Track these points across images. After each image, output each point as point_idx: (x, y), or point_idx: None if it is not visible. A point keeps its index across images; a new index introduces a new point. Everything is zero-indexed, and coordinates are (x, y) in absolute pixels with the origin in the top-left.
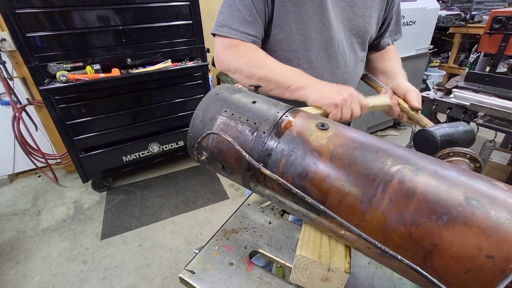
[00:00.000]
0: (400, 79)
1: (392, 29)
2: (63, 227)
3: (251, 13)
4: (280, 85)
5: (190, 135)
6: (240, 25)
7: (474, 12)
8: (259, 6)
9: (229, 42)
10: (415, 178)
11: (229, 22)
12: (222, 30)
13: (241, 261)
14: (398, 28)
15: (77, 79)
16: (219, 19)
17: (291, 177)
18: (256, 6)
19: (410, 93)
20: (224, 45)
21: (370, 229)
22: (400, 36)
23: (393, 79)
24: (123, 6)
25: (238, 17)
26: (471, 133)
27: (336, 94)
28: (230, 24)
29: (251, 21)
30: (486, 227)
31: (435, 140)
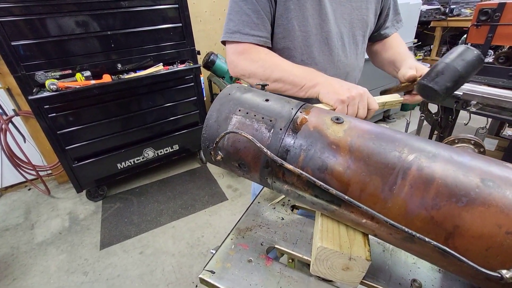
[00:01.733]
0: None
1: (392, 18)
2: (59, 239)
3: (259, 15)
4: (295, 85)
5: (204, 136)
6: (250, 29)
7: (453, 6)
8: (265, 7)
9: (241, 47)
10: (433, 165)
11: (239, 27)
12: (234, 36)
13: (259, 258)
14: (398, 16)
15: (67, 87)
16: (229, 26)
17: (311, 171)
18: (262, 8)
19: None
20: (237, 51)
21: (392, 215)
22: (401, 24)
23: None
24: (110, 11)
25: (247, 22)
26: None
27: (344, 91)
28: (240, 29)
29: (260, 23)
30: (503, 205)
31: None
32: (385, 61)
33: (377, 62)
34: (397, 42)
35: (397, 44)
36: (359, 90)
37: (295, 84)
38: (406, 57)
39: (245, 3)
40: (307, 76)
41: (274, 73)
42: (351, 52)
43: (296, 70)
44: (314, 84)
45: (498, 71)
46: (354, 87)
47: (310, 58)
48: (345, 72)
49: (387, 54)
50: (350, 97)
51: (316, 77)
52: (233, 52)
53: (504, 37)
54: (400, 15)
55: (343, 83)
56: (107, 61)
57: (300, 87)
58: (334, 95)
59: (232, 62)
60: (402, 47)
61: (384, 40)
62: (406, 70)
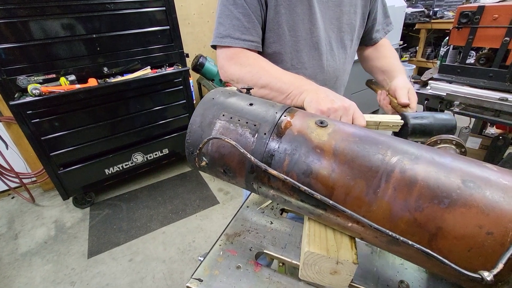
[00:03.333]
0: (396, 77)
1: (382, 21)
2: (44, 249)
3: (250, 19)
4: (282, 92)
5: (188, 142)
6: (240, 34)
7: (436, 8)
8: (255, 11)
9: (231, 52)
10: (415, 167)
11: (229, 32)
12: (224, 41)
13: (248, 264)
14: (387, 20)
15: (51, 91)
16: (219, 30)
17: (296, 176)
18: (253, 11)
19: (399, 91)
20: (226, 56)
21: (377, 219)
22: (392, 27)
23: (391, 78)
24: (96, 13)
25: (237, 26)
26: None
27: (327, 102)
28: (231, 34)
29: (251, 27)
30: (484, 206)
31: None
32: (376, 69)
33: (368, 67)
34: (390, 53)
35: (390, 55)
36: (344, 103)
37: (282, 91)
38: (399, 73)
39: (235, 7)
40: (295, 83)
41: (261, 79)
42: (340, 57)
43: (284, 77)
44: (300, 92)
45: (479, 72)
46: (340, 99)
47: (300, 63)
48: (334, 76)
49: (380, 63)
50: (331, 108)
51: (303, 85)
52: (223, 57)
53: (484, 39)
54: (390, 18)
55: (329, 93)
56: (93, 64)
57: (286, 94)
58: (315, 105)
59: (222, 67)
60: (395, 59)
61: (376, 46)
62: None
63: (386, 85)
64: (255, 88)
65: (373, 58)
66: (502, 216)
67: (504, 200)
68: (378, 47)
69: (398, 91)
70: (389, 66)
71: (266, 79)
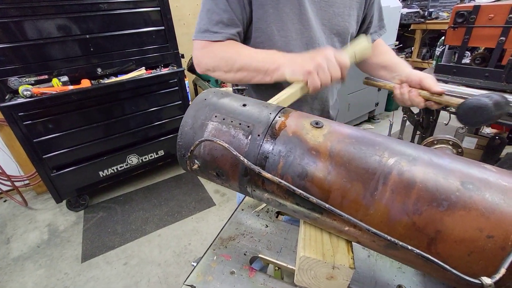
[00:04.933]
0: (407, 70)
1: (376, 24)
2: (37, 253)
3: (230, 16)
4: (259, 71)
5: (180, 144)
6: (219, 29)
7: (431, 9)
8: (236, 9)
9: (204, 42)
10: (413, 168)
11: (208, 26)
12: (204, 35)
13: (242, 269)
14: (381, 23)
15: (43, 93)
16: (200, 25)
17: (291, 178)
18: (234, 9)
19: (426, 80)
20: (200, 46)
21: (374, 222)
22: (384, 30)
23: (399, 71)
24: (89, 13)
25: (216, 21)
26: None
27: (308, 61)
28: (209, 28)
29: (230, 24)
30: (484, 209)
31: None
32: (375, 65)
33: (365, 66)
34: (389, 50)
35: (388, 51)
36: (324, 53)
37: (259, 70)
38: (406, 66)
39: (215, 2)
40: (269, 60)
41: (236, 62)
42: None
43: (257, 55)
44: (277, 67)
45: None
46: (317, 53)
47: None
48: None
49: (380, 59)
50: (316, 65)
51: (277, 59)
52: (197, 48)
53: (480, 39)
54: (384, 21)
55: (304, 55)
56: (86, 65)
57: (264, 72)
58: (300, 69)
59: (196, 58)
60: (393, 54)
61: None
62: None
63: (392, 79)
64: (232, 72)
65: (370, 57)
66: (503, 219)
67: (504, 202)
68: (373, 46)
69: (426, 80)
70: (390, 60)
71: (240, 62)
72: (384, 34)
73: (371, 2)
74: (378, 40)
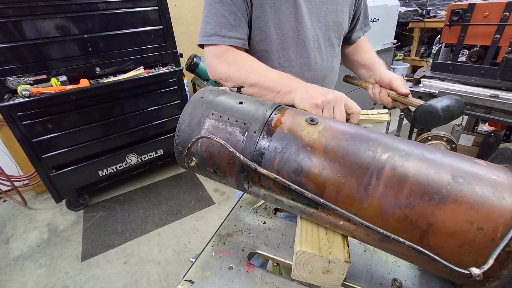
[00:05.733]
0: (380, 70)
1: (362, 21)
2: (37, 253)
3: (236, 17)
4: (271, 90)
5: (177, 142)
6: (227, 31)
7: (429, 7)
8: (241, 8)
9: (218, 50)
10: (406, 163)
11: (216, 30)
12: (212, 39)
13: (240, 264)
14: (366, 20)
15: (41, 92)
16: (206, 29)
17: (287, 174)
18: (239, 9)
19: (395, 81)
20: (214, 54)
21: (368, 216)
22: (369, 27)
23: (374, 71)
24: (87, 13)
25: (224, 23)
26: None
27: (318, 95)
28: (217, 31)
29: (237, 25)
30: (474, 201)
31: (438, 111)
32: (357, 63)
33: (348, 63)
34: (369, 48)
35: (370, 49)
36: (335, 94)
37: (271, 89)
38: (382, 66)
39: (221, 4)
40: (283, 82)
41: (250, 77)
42: (328, 55)
43: (272, 75)
44: (289, 90)
45: (471, 70)
46: (330, 91)
47: (287, 61)
48: (322, 74)
49: (361, 57)
50: (324, 100)
51: (291, 83)
52: (211, 55)
53: (475, 37)
54: (369, 19)
55: (318, 88)
56: (85, 65)
57: (276, 92)
58: (308, 100)
59: (210, 66)
60: (374, 53)
61: (356, 43)
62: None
63: (369, 78)
64: (245, 86)
65: (352, 53)
66: (492, 211)
67: (493, 195)
68: (357, 43)
69: (395, 82)
70: (369, 60)
71: (254, 78)
72: (368, 31)
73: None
74: (362, 38)
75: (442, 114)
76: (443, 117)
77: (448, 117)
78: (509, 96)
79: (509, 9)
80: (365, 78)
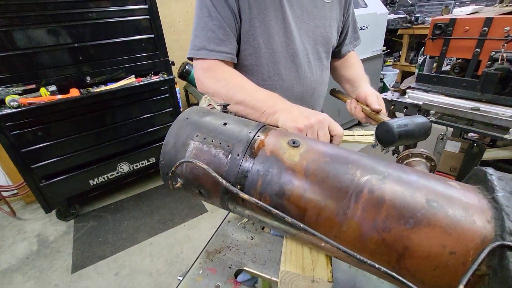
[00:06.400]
0: (362, 85)
1: (351, 36)
2: (26, 265)
3: (224, 32)
4: (256, 110)
5: (162, 163)
6: (216, 45)
7: (418, 14)
8: (230, 23)
9: (207, 64)
10: (383, 186)
11: (205, 44)
12: (200, 53)
13: (227, 283)
14: (356, 34)
15: (30, 103)
16: (195, 42)
17: (269, 197)
18: (228, 24)
19: (369, 97)
20: (203, 68)
21: (348, 239)
22: (359, 41)
23: (356, 86)
24: (77, 22)
25: (212, 38)
26: (425, 124)
27: (302, 118)
28: (206, 46)
29: (226, 39)
30: (446, 225)
31: (392, 130)
32: (343, 78)
33: (336, 77)
34: (356, 63)
35: (356, 65)
36: (319, 117)
37: (256, 109)
38: (364, 81)
39: (210, 19)
40: (268, 102)
41: (236, 95)
42: (317, 68)
43: (259, 94)
44: (274, 111)
45: (454, 82)
46: (314, 114)
47: (277, 75)
48: (311, 88)
49: (347, 72)
50: (308, 125)
51: (276, 104)
52: (199, 69)
53: (457, 50)
54: (358, 33)
55: (302, 110)
56: (75, 74)
57: (261, 112)
58: (291, 123)
59: (199, 79)
60: (360, 69)
61: (345, 58)
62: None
63: (352, 93)
64: (231, 103)
65: (340, 68)
66: (464, 235)
67: (465, 219)
68: (345, 57)
69: (369, 98)
70: (354, 75)
71: (241, 96)
72: (359, 45)
73: (348, 14)
74: (352, 53)
75: (397, 133)
76: (398, 137)
77: (404, 137)
78: (490, 109)
79: (488, 25)
80: (349, 93)
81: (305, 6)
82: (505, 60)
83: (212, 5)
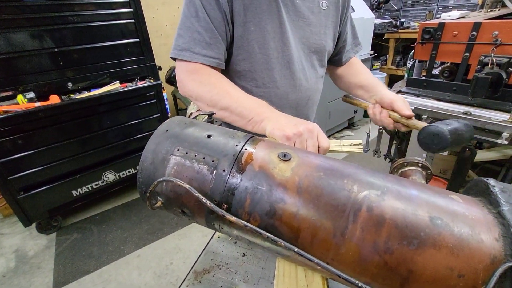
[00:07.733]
0: (381, 91)
1: (351, 42)
2: (2, 283)
3: (212, 35)
4: (243, 117)
5: (140, 181)
6: (201, 48)
7: (403, 19)
8: (219, 26)
9: (192, 67)
10: (382, 204)
11: (189, 45)
12: (184, 54)
13: None
14: (356, 40)
15: (5, 111)
16: (178, 42)
17: (259, 217)
18: (217, 27)
19: (397, 103)
20: (186, 70)
21: (346, 262)
22: (360, 47)
23: (374, 92)
24: (58, 26)
25: (198, 40)
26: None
27: (290, 127)
28: (191, 47)
29: (213, 43)
30: (453, 245)
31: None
32: (353, 85)
33: (342, 84)
34: (364, 69)
35: (365, 70)
36: (308, 126)
37: (243, 116)
38: (382, 86)
39: (197, 19)
40: (256, 110)
41: (221, 101)
42: (311, 76)
43: (246, 102)
44: (261, 119)
45: (444, 86)
46: (303, 123)
47: (271, 81)
48: (306, 96)
49: (357, 79)
50: (296, 133)
51: (264, 112)
52: (182, 70)
53: (446, 54)
54: (358, 39)
55: (291, 118)
56: (55, 80)
57: (247, 120)
58: (279, 132)
59: (181, 81)
60: (370, 74)
61: (349, 65)
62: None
63: (369, 98)
64: (215, 109)
65: (347, 75)
66: (472, 257)
67: (472, 238)
68: (350, 64)
69: (397, 103)
70: (367, 81)
71: (226, 102)
72: (360, 51)
73: (345, 21)
74: (354, 59)
75: (450, 137)
76: (451, 140)
77: (456, 142)
78: (482, 114)
79: (476, 29)
80: (364, 99)
81: (301, 12)
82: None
83: (201, 4)
